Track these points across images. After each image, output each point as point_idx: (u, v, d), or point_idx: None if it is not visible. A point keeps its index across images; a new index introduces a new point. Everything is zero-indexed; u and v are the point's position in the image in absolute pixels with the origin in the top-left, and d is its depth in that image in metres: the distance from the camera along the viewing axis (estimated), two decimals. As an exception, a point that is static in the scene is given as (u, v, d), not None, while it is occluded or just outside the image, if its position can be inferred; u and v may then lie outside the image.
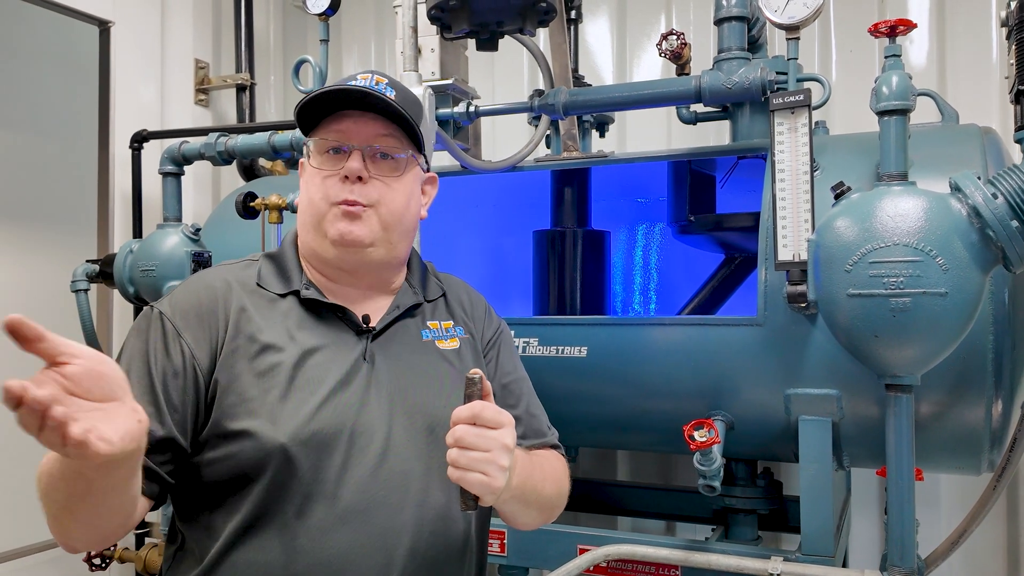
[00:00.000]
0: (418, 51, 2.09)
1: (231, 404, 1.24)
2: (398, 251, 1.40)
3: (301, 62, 2.24)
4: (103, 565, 2.71)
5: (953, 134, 1.95)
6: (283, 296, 1.35)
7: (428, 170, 1.46)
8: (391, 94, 1.33)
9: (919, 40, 2.80)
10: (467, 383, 1.16)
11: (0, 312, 2.87)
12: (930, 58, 2.79)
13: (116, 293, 2.78)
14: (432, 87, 2.09)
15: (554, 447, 1.51)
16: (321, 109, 1.35)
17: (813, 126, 2.07)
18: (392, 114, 1.35)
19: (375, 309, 1.39)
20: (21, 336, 0.86)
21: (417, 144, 1.38)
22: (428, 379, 1.37)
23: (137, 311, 2.88)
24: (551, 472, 1.41)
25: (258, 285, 1.36)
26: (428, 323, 1.44)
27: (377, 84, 1.33)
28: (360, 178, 1.31)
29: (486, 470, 1.12)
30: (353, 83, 1.34)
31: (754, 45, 2.23)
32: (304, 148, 1.40)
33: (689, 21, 3.14)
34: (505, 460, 1.14)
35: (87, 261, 2.67)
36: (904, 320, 1.47)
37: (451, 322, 1.47)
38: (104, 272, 2.62)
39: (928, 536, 1.91)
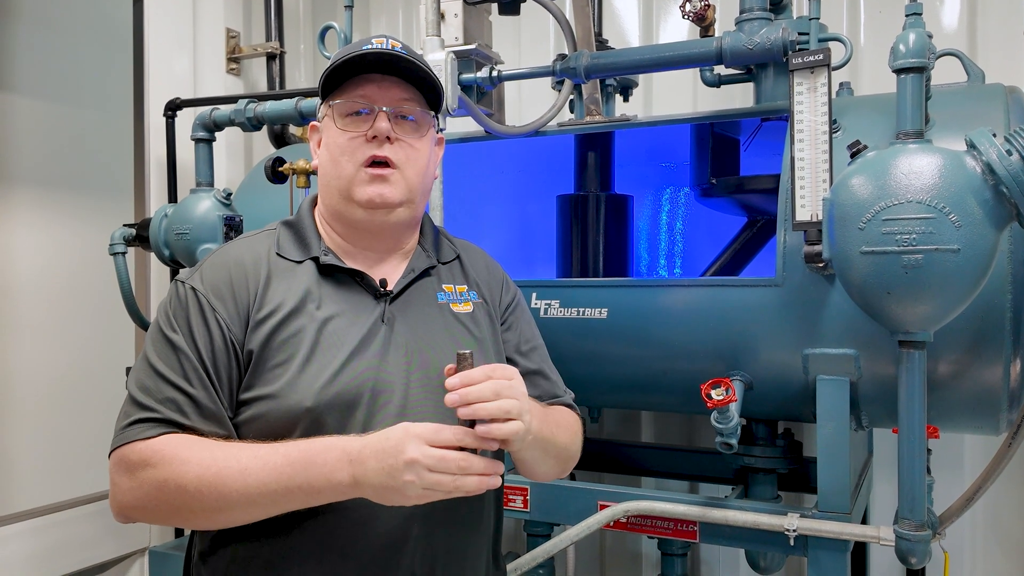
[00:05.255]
0: (441, 16, 2.12)
1: (259, 371, 1.30)
2: (418, 211, 1.46)
3: (326, 28, 2.28)
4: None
5: (977, 93, 1.93)
6: (302, 263, 1.40)
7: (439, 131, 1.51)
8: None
9: (950, 2, 2.76)
10: (459, 359, 1.20)
11: (43, 275, 2.99)
12: (961, 20, 2.74)
13: (152, 256, 2.86)
14: (455, 52, 2.12)
15: (568, 407, 1.56)
16: (342, 74, 1.39)
17: (836, 86, 2.07)
18: (412, 78, 1.39)
19: (391, 272, 1.44)
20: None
21: (433, 107, 1.43)
22: (444, 339, 1.42)
23: (174, 273, 2.97)
24: (564, 422, 1.47)
25: (278, 254, 1.40)
26: (443, 286, 1.48)
27: (392, 48, 1.37)
28: (388, 138, 1.36)
29: (521, 416, 1.20)
30: (370, 47, 1.37)
31: (779, 6, 2.21)
32: (321, 111, 1.44)
33: (716, -17, 3.11)
34: (527, 404, 1.23)
35: (124, 225, 2.74)
36: (916, 277, 1.48)
37: (465, 286, 1.51)
38: (140, 236, 2.69)
39: (951, 497, 1.92)
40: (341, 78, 1.39)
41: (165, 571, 2.51)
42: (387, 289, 1.40)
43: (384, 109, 1.36)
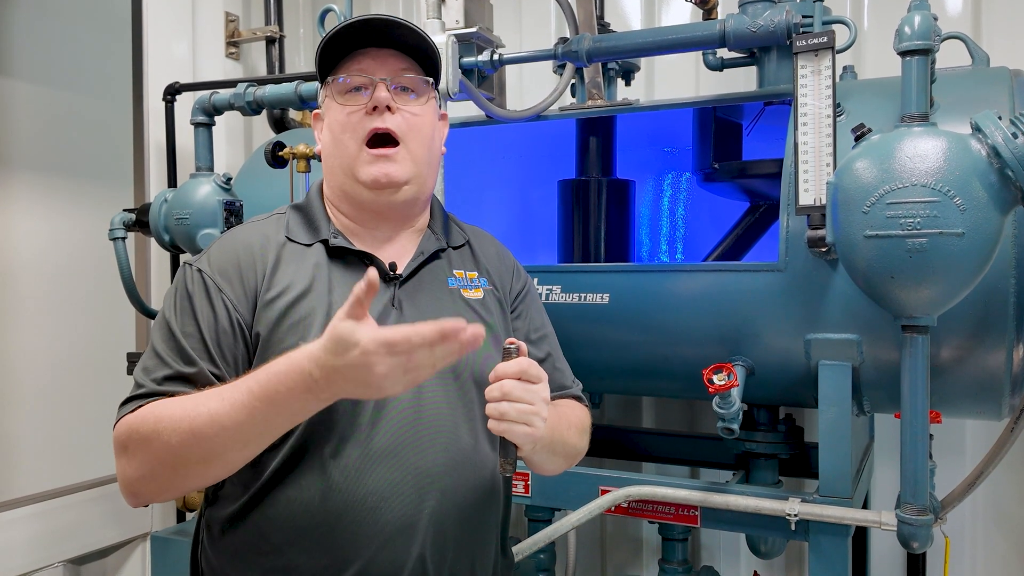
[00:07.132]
0: (441, -1, 2.10)
1: (268, 354, 1.28)
2: (427, 186, 1.44)
3: (326, 11, 2.26)
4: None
5: (982, 76, 1.92)
6: (311, 246, 1.39)
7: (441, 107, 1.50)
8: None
9: (955, -15, 2.74)
10: (505, 353, 1.23)
11: (43, 260, 2.99)
12: (965, 4, 2.72)
13: (152, 241, 2.85)
14: (456, 35, 2.10)
15: (577, 399, 1.56)
16: (338, 52, 1.38)
17: (840, 70, 2.05)
18: (409, 49, 1.38)
19: (400, 254, 1.43)
20: None
21: (434, 79, 1.42)
22: None
23: (174, 259, 2.96)
24: (575, 420, 1.46)
25: (287, 237, 1.39)
26: (454, 271, 1.47)
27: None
28: (388, 108, 1.34)
29: (531, 422, 1.20)
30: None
31: (782, -11, 2.20)
32: (321, 93, 1.42)
33: (719, -33, 3.08)
34: (545, 412, 1.22)
35: (124, 210, 2.73)
36: (920, 261, 1.47)
37: (475, 272, 1.50)
38: (140, 221, 2.67)
39: (952, 482, 1.92)
40: (337, 57, 1.38)
41: (167, 556, 2.51)
42: (397, 272, 1.39)
43: (383, 79, 1.35)
